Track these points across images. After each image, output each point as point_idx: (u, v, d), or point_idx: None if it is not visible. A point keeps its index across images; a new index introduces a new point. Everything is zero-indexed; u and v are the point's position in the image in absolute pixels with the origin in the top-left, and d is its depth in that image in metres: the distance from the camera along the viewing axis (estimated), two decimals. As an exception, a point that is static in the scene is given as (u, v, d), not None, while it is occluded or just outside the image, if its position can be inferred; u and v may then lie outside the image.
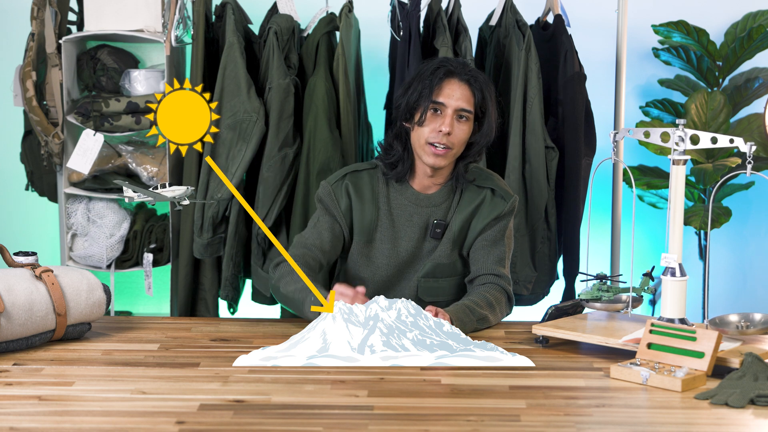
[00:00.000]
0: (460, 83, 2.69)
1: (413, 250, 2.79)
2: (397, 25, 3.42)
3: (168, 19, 3.37)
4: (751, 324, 2.39)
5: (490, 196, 2.79)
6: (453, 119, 2.68)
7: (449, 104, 2.67)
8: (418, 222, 2.78)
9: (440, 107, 2.68)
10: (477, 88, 2.70)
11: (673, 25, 3.88)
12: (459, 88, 2.69)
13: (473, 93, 2.70)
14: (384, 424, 1.95)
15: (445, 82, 2.69)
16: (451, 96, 2.68)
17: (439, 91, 2.68)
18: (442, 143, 2.67)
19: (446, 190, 2.79)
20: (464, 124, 2.70)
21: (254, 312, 3.65)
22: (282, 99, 3.30)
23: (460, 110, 2.68)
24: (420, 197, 2.78)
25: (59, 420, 1.98)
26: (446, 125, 2.66)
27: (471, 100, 2.69)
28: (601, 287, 2.53)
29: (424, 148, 2.70)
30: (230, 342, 2.55)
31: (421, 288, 2.78)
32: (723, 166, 3.73)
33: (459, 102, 2.68)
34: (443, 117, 2.67)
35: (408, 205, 2.78)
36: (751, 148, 2.33)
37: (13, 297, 2.41)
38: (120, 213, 3.50)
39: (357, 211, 2.79)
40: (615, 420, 1.99)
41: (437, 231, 2.76)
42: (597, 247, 3.46)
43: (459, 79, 2.70)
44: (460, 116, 2.69)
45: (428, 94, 2.67)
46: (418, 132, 2.71)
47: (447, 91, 2.68)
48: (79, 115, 3.41)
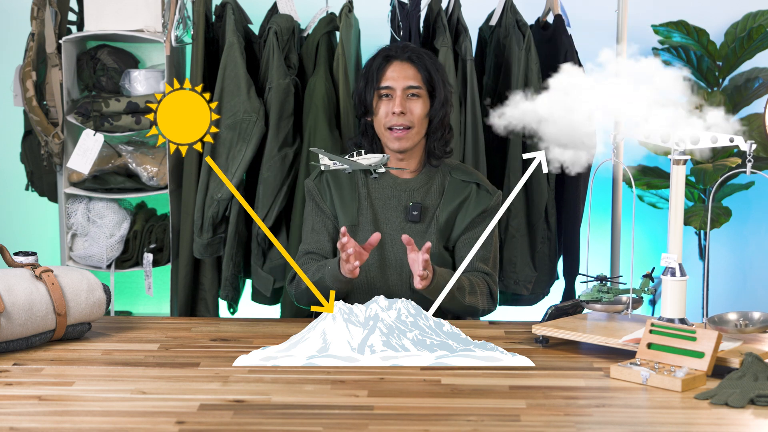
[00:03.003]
0: (401, 63, 2.77)
1: (396, 236, 2.79)
2: (397, 25, 3.42)
3: (168, 19, 3.37)
4: (750, 322, 2.39)
5: (475, 190, 2.83)
6: (403, 99, 2.74)
7: (395, 86, 2.75)
8: (395, 206, 2.81)
9: (389, 91, 2.75)
10: (420, 65, 2.77)
11: (673, 25, 3.88)
12: (401, 69, 2.76)
13: (417, 69, 2.77)
14: (384, 424, 1.95)
15: (387, 67, 2.76)
16: (395, 78, 2.75)
17: (383, 77, 2.76)
18: (399, 124, 2.74)
19: (423, 176, 2.83)
20: (417, 101, 2.76)
21: (254, 312, 3.65)
22: (282, 99, 3.30)
23: (407, 88, 2.75)
24: (397, 182, 2.83)
25: (59, 420, 1.98)
26: (397, 105, 2.73)
27: (417, 76, 2.76)
28: (601, 288, 2.53)
29: (385, 135, 2.77)
30: (230, 342, 2.55)
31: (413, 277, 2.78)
32: (723, 166, 3.73)
33: (405, 81, 2.75)
34: (394, 99, 2.74)
35: (386, 189, 2.82)
36: (751, 147, 2.33)
37: (13, 297, 2.41)
38: (120, 213, 3.50)
39: (337, 200, 2.83)
40: (615, 420, 1.99)
41: (414, 213, 2.79)
42: (597, 247, 3.45)
43: (400, 60, 2.77)
44: (411, 94, 2.76)
45: (374, 83, 2.75)
46: (377, 121, 2.78)
47: (390, 74, 2.76)
48: (79, 115, 3.41)
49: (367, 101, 2.76)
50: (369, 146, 2.82)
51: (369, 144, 2.82)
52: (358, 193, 2.83)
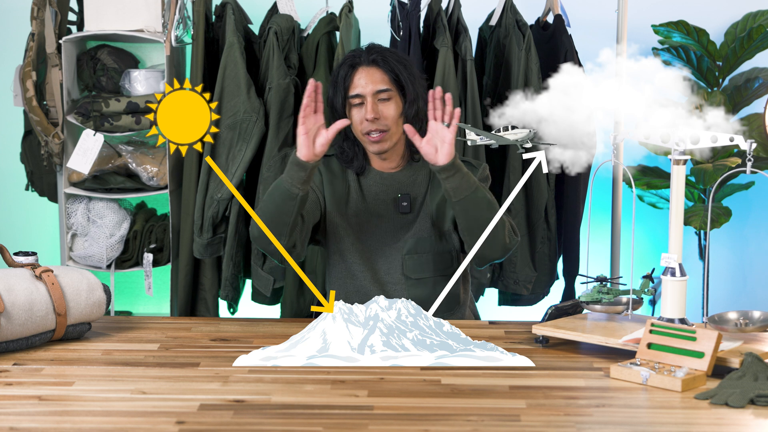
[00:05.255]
0: (367, 69, 2.75)
1: (387, 227, 2.79)
2: (397, 25, 3.42)
3: (168, 19, 3.37)
4: (750, 321, 2.39)
5: None
6: (374, 104, 2.73)
7: (365, 92, 2.73)
8: (384, 199, 2.80)
9: (360, 98, 2.74)
10: (386, 67, 2.75)
11: (673, 25, 3.88)
12: (367, 74, 2.74)
13: (384, 72, 2.75)
14: (384, 424, 1.95)
15: (353, 75, 2.75)
16: (363, 85, 2.73)
17: (351, 85, 2.74)
18: (374, 129, 2.73)
19: (409, 169, 2.83)
20: (389, 103, 2.75)
21: (254, 312, 3.65)
22: (282, 99, 3.30)
23: (377, 93, 2.73)
24: (384, 176, 2.82)
25: (59, 420, 1.98)
26: (369, 112, 2.72)
27: (384, 78, 2.75)
28: (601, 289, 2.53)
29: (363, 139, 2.77)
30: (230, 342, 2.55)
31: (406, 266, 2.78)
32: (723, 166, 3.73)
33: (373, 86, 2.73)
34: (366, 105, 2.73)
35: (374, 183, 2.82)
36: (751, 146, 2.33)
37: (13, 297, 2.41)
38: (120, 213, 3.50)
39: (328, 183, 2.82)
40: (615, 420, 1.99)
41: (404, 204, 2.78)
42: (597, 247, 3.46)
43: (365, 65, 2.75)
44: (381, 98, 2.74)
45: (343, 92, 2.74)
46: (353, 127, 2.77)
47: (357, 81, 2.74)
48: (79, 115, 3.41)
49: (338, 110, 2.76)
50: (352, 147, 2.81)
51: (352, 147, 2.81)
52: (348, 186, 2.82)
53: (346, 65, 2.76)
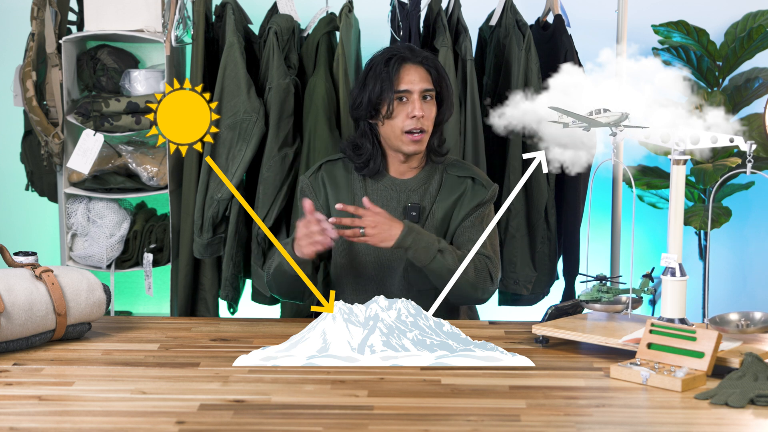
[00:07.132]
0: (416, 67, 2.75)
1: None
2: (397, 25, 3.42)
3: (168, 19, 3.37)
4: (751, 323, 2.39)
5: (471, 185, 2.83)
6: (421, 102, 2.73)
7: (413, 89, 2.73)
8: (394, 207, 2.80)
9: (405, 95, 2.73)
10: (431, 67, 2.76)
11: (673, 25, 3.88)
12: (416, 72, 2.74)
13: (429, 72, 2.76)
14: (384, 424, 1.95)
15: (402, 70, 2.74)
16: (412, 81, 2.73)
17: (399, 80, 2.73)
18: (418, 128, 2.72)
19: (423, 175, 2.82)
20: (430, 104, 2.76)
21: (254, 312, 3.65)
22: (282, 99, 3.30)
23: (423, 91, 2.73)
24: (396, 182, 2.81)
25: (59, 420, 1.98)
26: (417, 109, 2.71)
27: (429, 79, 2.76)
28: (601, 288, 2.53)
29: (402, 138, 2.74)
30: (230, 342, 2.56)
31: (408, 277, 2.78)
32: (723, 166, 3.74)
33: (421, 84, 2.73)
34: (411, 103, 2.72)
35: (384, 190, 2.81)
36: (751, 147, 2.33)
37: (13, 297, 2.41)
38: (120, 213, 3.50)
39: (333, 199, 2.82)
40: (615, 420, 1.99)
41: (413, 214, 2.78)
42: (597, 247, 3.46)
43: (413, 63, 2.75)
44: (425, 97, 2.75)
45: (390, 86, 2.72)
46: (390, 125, 2.74)
47: (406, 77, 2.73)
48: (79, 115, 3.41)
49: (381, 104, 2.73)
50: (371, 148, 2.79)
51: (371, 146, 2.79)
52: (354, 194, 2.81)
53: (396, 58, 2.74)
